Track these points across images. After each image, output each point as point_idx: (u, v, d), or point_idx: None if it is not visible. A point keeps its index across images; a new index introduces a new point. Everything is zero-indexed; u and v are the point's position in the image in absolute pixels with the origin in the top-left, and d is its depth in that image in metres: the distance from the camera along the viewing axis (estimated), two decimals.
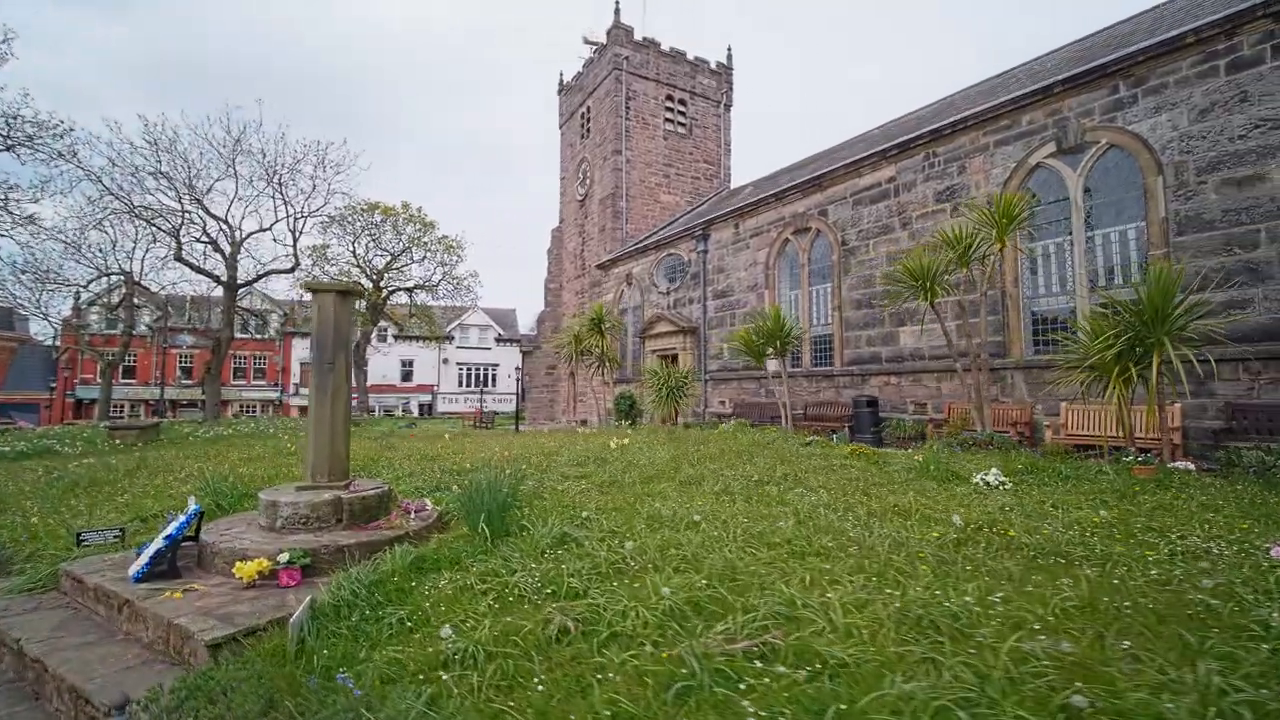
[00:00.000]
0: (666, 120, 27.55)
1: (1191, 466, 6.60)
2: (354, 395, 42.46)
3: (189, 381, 37.51)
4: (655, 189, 27.04)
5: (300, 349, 41.21)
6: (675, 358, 20.36)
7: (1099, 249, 10.44)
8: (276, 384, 40.52)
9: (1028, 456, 7.60)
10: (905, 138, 13.28)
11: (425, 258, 31.18)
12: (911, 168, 13.16)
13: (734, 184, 28.77)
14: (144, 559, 3.69)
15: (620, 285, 24.07)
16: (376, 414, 40.57)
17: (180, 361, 37.25)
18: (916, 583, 3.16)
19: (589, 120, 28.72)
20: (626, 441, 8.35)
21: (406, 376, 46.80)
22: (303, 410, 41.79)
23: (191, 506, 4.36)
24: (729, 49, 29.45)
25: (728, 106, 29.24)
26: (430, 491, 5.71)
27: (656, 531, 4.08)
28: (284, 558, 3.58)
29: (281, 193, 24.80)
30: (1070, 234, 10.59)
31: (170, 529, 3.81)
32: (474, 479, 4.37)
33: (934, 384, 12.56)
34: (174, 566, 3.76)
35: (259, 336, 36.57)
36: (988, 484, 6.04)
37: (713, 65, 28.91)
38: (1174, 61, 9.35)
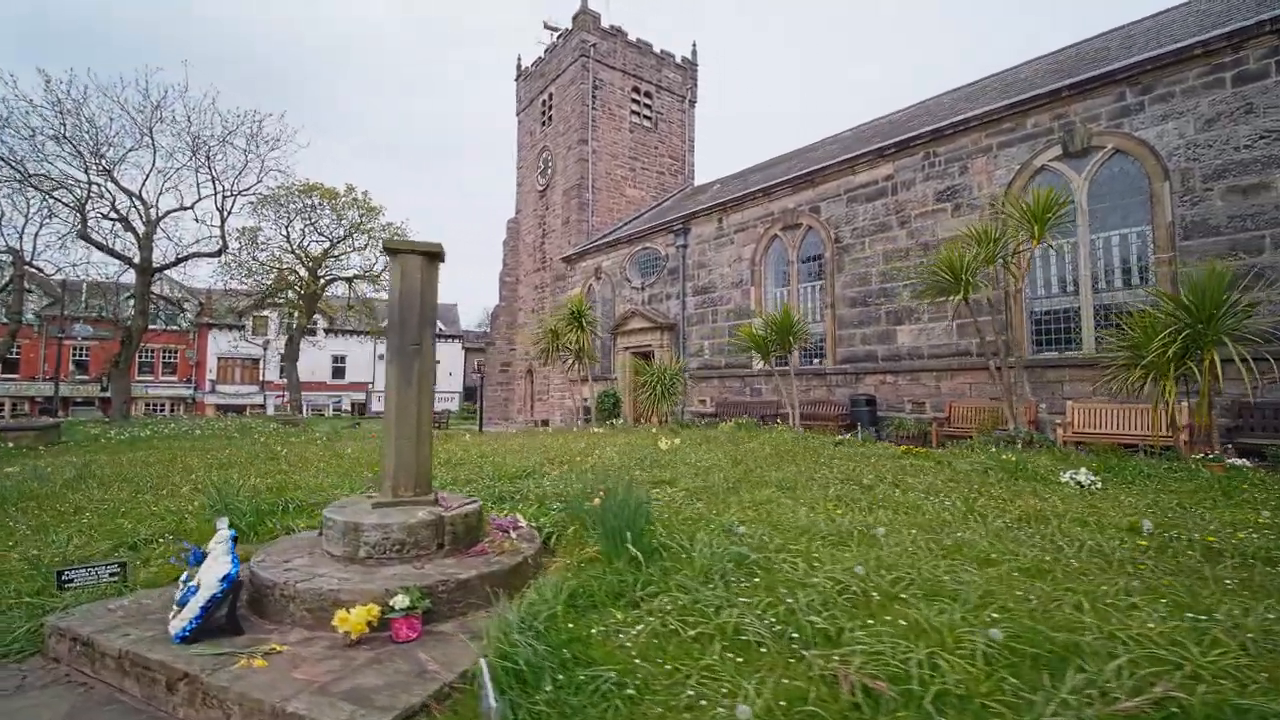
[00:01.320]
0: (633, 112, 26.90)
1: (1248, 463, 6.67)
2: (283, 393, 39.09)
3: (85, 377, 33.11)
4: (621, 182, 26.32)
5: (219, 341, 37.43)
6: (650, 355, 19.74)
7: (1100, 251, 10.73)
8: (189, 380, 36.58)
9: (1080, 456, 7.51)
10: (904, 136, 13.28)
11: (368, 245, 29.02)
12: (910, 166, 13.17)
13: (698, 181, 28.52)
14: (192, 610, 2.65)
15: (589, 280, 23.17)
16: (305, 413, 37.46)
17: (74, 354, 32.78)
18: (1215, 603, 2.68)
19: (551, 108, 27.60)
20: (679, 442, 7.63)
21: (338, 374, 43.61)
22: (220, 410, 38.00)
23: (224, 531, 3.30)
24: (694, 45, 29.17)
25: (692, 103, 28.94)
26: (496, 503, 4.79)
27: (836, 548, 3.44)
28: (401, 601, 2.65)
29: (209, 167, 22.23)
30: (1075, 236, 10.82)
31: (225, 565, 2.77)
32: (610, 486, 3.55)
33: (933, 383, 12.59)
34: (235, 619, 2.73)
35: (172, 328, 32.85)
36: (1079, 483, 5.80)
37: (678, 60, 28.52)
38: (1181, 71, 9.68)
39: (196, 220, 25.78)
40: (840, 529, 3.79)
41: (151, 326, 28.01)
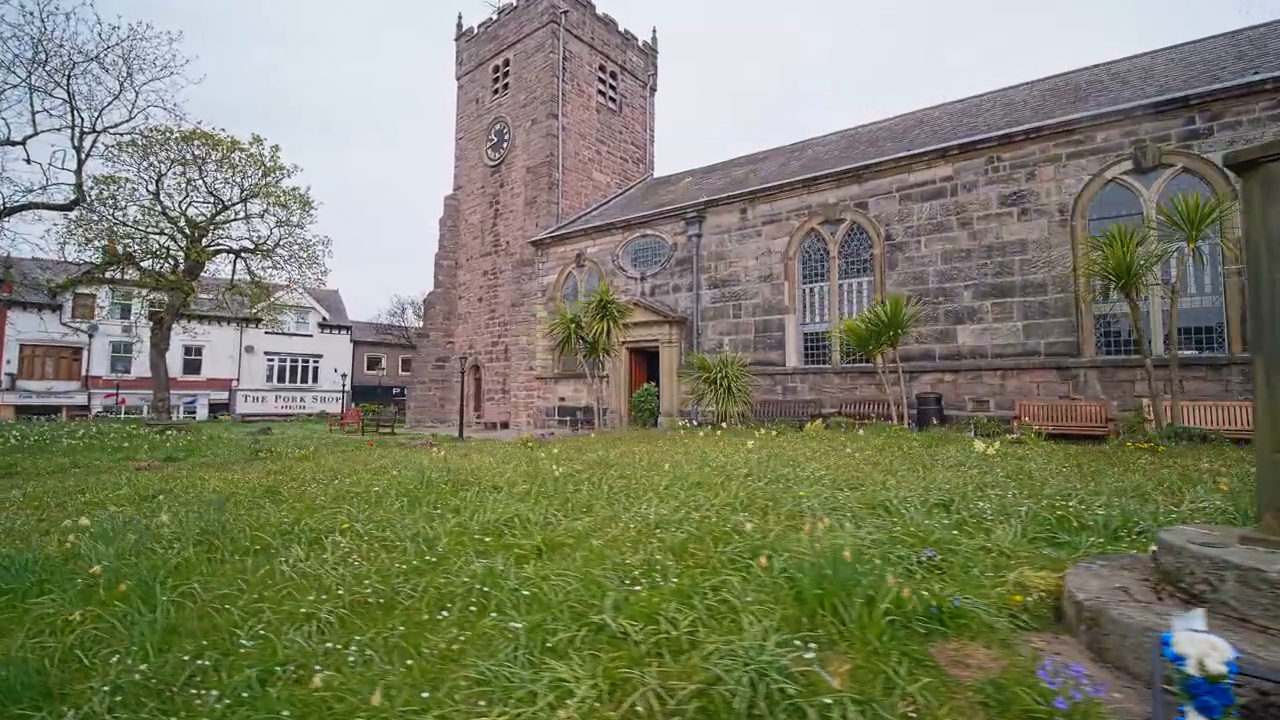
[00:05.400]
0: (599, 92, 25.25)
1: None
2: (115, 391, 31.37)
3: None
4: (588, 164, 24.53)
5: (24, 324, 28.65)
6: (655, 352, 18.45)
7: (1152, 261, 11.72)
8: None
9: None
10: (968, 139, 13.56)
11: (266, 211, 23.88)
12: (973, 169, 13.49)
13: (657, 173, 27.56)
14: None
15: (568, 267, 21.14)
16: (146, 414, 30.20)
17: None
18: None
19: (508, 75, 24.92)
20: (998, 446, 6.68)
21: (192, 368, 35.91)
22: (21, 412, 29.27)
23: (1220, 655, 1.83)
24: (654, 30, 28.16)
25: (653, 90, 27.94)
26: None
27: None
28: None
29: (65, 90, 16.65)
30: (1150, 246, 11.69)
31: None
32: None
33: (997, 381, 12.99)
34: None
35: None
36: None
37: (640, 44, 27.36)
38: (1249, 103, 10.83)
39: (29, 161, 19.04)
40: None
41: None
